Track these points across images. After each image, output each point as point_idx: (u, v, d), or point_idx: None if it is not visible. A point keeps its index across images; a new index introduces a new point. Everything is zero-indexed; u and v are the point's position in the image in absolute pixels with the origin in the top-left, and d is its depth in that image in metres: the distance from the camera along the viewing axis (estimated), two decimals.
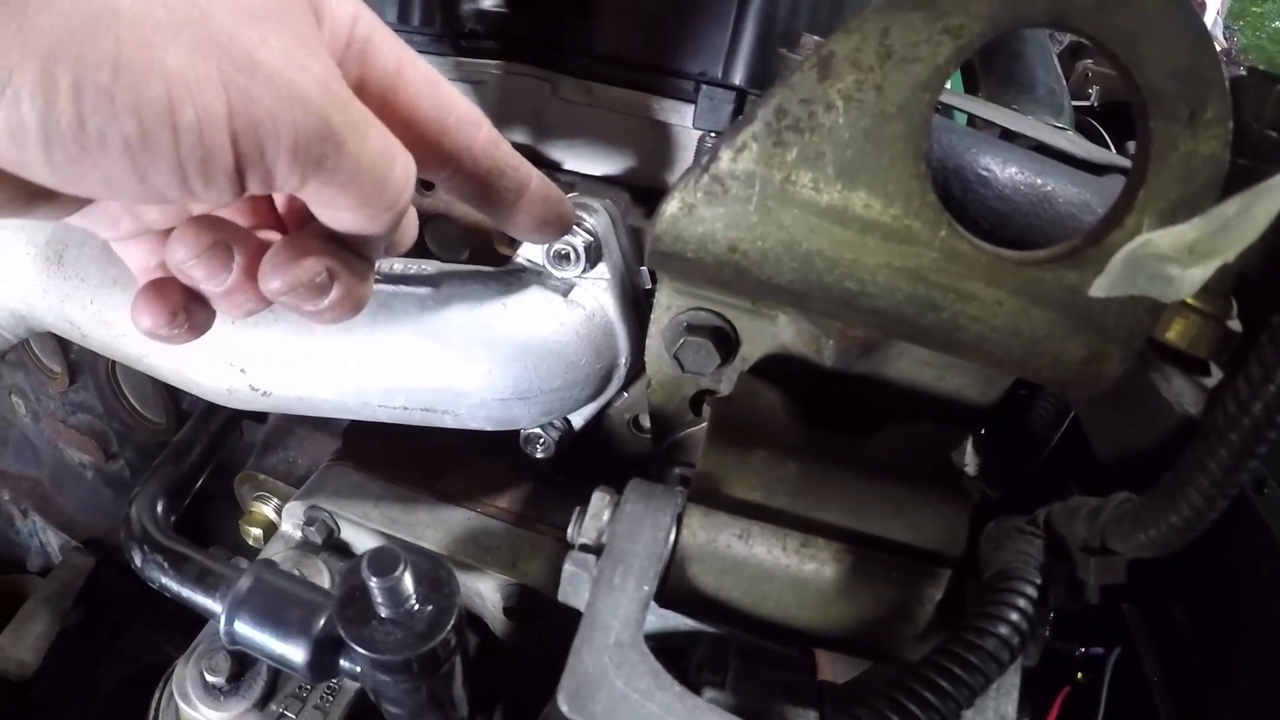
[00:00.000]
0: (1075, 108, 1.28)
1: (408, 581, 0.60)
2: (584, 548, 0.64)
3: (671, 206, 0.53)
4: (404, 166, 0.48)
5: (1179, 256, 0.50)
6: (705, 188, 0.52)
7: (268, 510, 1.11)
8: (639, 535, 0.62)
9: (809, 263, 0.53)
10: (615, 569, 0.60)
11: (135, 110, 0.38)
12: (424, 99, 0.53)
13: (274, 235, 0.55)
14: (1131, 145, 1.30)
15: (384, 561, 0.59)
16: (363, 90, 0.50)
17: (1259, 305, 0.60)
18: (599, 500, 0.67)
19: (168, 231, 0.57)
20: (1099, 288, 0.53)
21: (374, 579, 0.59)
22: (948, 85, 0.51)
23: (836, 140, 0.50)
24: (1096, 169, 0.77)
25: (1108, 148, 1.43)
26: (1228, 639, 0.63)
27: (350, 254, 0.52)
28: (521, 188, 0.60)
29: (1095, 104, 1.67)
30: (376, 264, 0.67)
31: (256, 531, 1.10)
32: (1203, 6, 5.37)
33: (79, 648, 1.64)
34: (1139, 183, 0.51)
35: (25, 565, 1.84)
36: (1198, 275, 0.50)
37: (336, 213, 0.48)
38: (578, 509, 0.67)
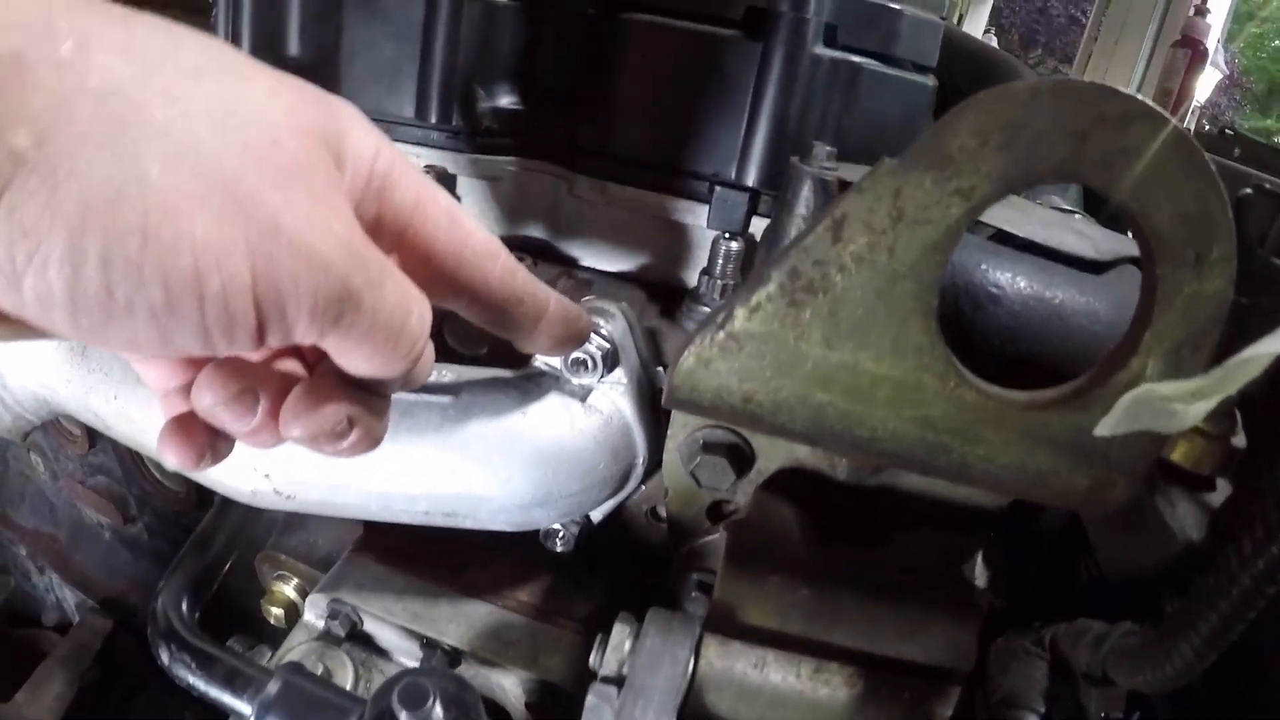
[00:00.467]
0: None
1: (438, 712, 0.62)
2: (605, 679, 0.66)
3: (688, 361, 0.54)
4: (420, 315, 0.50)
5: (1182, 399, 0.52)
6: (720, 344, 0.54)
7: (289, 590, 1.12)
8: (659, 668, 0.63)
9: (821, 412, 0.54)
10: (636, 703, 0.61)
11: (163, 280, 0.39)
12: (441, 232, 0.54)
13: (293, 365, 0.57)
14: None
15: (415, 695, 0.61)
16: (381, 225, 0.51)
17: (1263, 424, 0.62)
18: (620, 632, 0.68)
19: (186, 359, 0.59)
20: (1104, 427, 0.54)
21: (404, 712, 0.60)
22: None
23: (849, 300, 0.52)
24: (1105, 265, 0.78)
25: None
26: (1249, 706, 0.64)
27: (368, 395, 0.53)
28: (539, 313, 0.61)
29: None
30: None
31: (278, 611, 1.11)
32: (1207, 29, 5.39)
33: (95, 710, 1.64)
34: (1144, 325, 0.52)
35: (41, 619, 1.85)
36: (1201, 409, 0.52)
37: (353, 361, 0.49)
38: (599, 637, 0.69)
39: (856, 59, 0.90)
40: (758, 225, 0.90)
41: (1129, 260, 0.78)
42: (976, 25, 6.35)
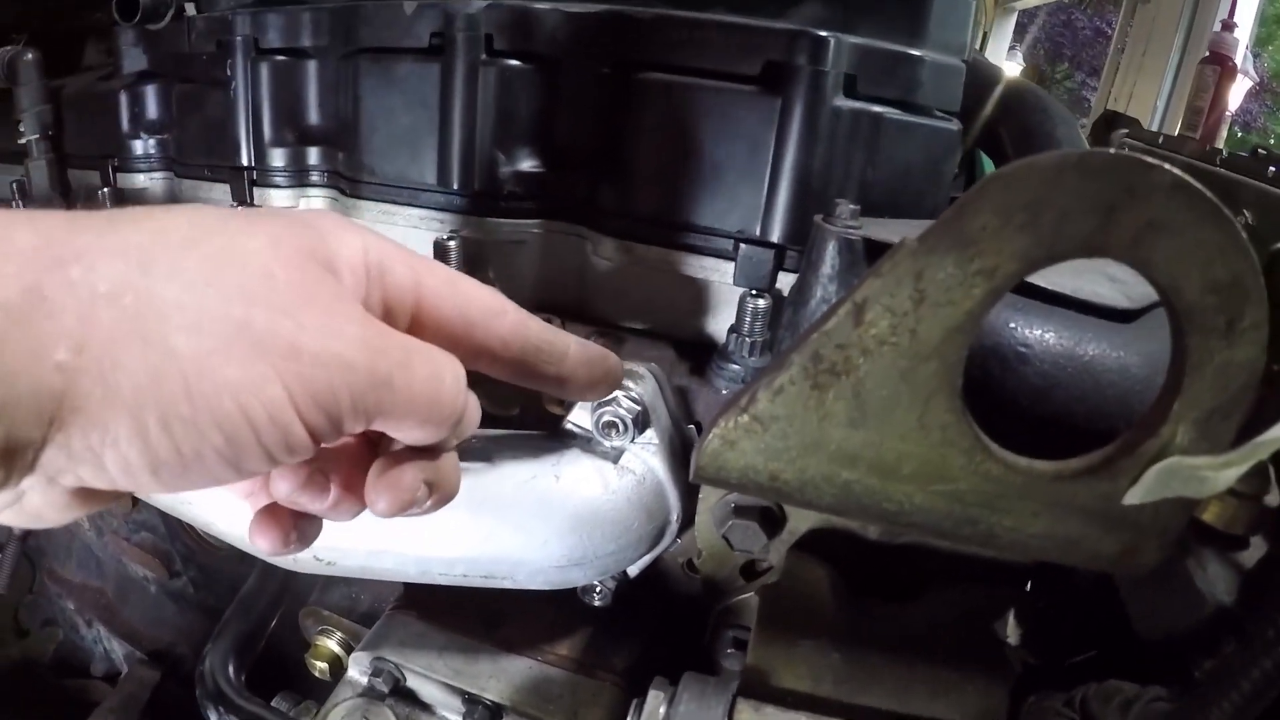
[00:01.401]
0: None
1: None
2: None
3: (713, 443, 0.55)
4: (454, 376, 0.53)
5: (1213, 469, 0.52)
6: (745, 426, 0.54)
7: (332, 644, 1.14)
8: None
9: (848, 489, 0.55)
10: None
11: (217, 426, 0.44)
12: (445, 300, 0.56)
13: (353, 441, 0.60)
14: None
15: None
16: (391, 310, 0.54)
17: None
18: (654, 699, 0.69)
19: None
20: (1133, 496, 0.54)
21: None
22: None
23: (872, 383, 0.52)
24: (1136, 314, 0.77)
25: None
26: None
27: (435, 456, 0.57)
28: (560, 360, 0.62)
29: None
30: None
31: (322, 665, 1.13)
32: (1235, 43, 5.33)
33: None
34: (1174, 394, 0.52)
35: (90, 670, 1.88)
36: (1232, 475, 0.52)
37: (407, 433, 0.53)
38: (634, 703, 0.70)
39: (878, 109, 0.90)
40: (785, 280, 0.90)
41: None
42: (1001, 41, 6.33)
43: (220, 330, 0.44)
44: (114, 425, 0.42)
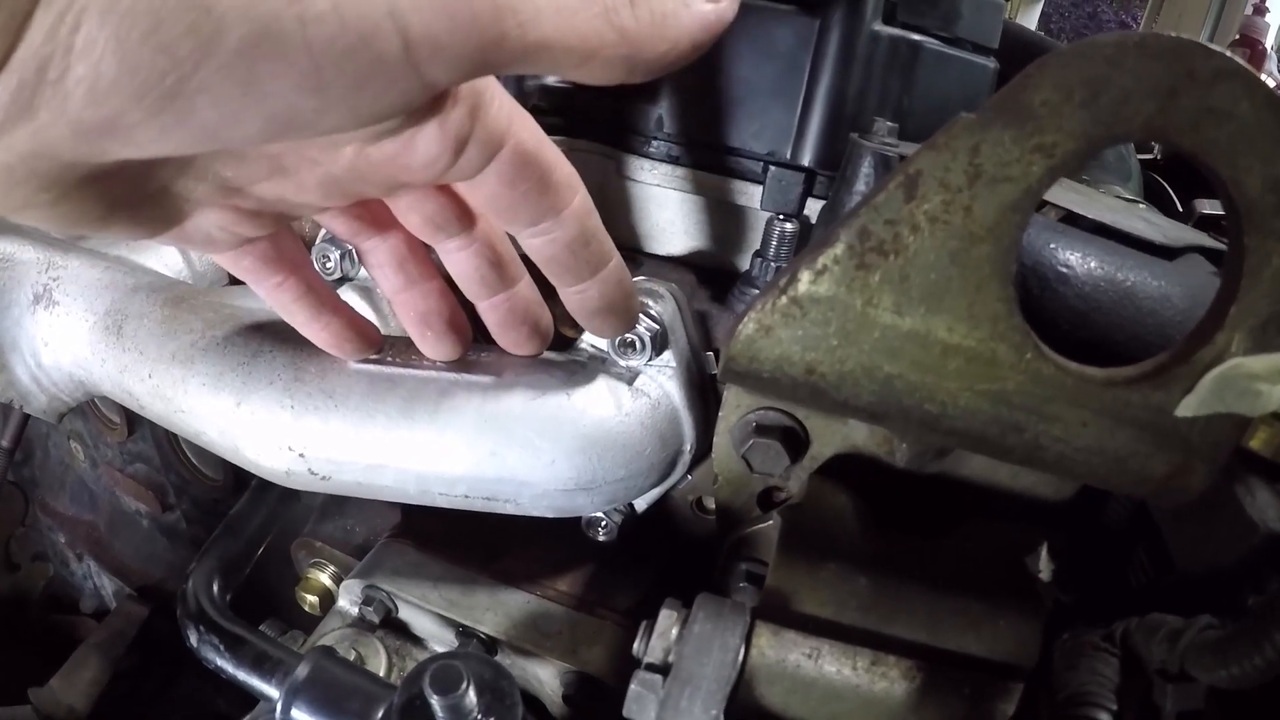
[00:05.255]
0: (1140, 162, 1.25)
1: (471, 697, 0.59)
2: (650, 667, 0.62)
3: (748, 328, 0.51)
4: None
5: (1270, 377, 0.49)
6: (783, 310, 0.51)
7: (324, 578, 1.10)
8: (707, 657, 0.60)
9: (889, 386, 0.51)
10: (683, 692, 0.58)
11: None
12: (531, 147, 0.53)
13: None
14: (1200, 203, 1.29)
15: (447, 679, 0.58)
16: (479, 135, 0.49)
17: None
18: (666, 618, 0.65)
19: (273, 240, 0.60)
20: (1186, 407, 0.51)
21: (436, 696, 0.58)
22: None
23: (921, 263, 0.48)
24: (1176, 252, 0.75)
25: (1174, 205, 1.40)
26: None
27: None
28: (602, 262, 0.62)
29: (1159, 157, 1.63)
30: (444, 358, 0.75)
31: (313, 599, 1.10)
32: (1266, 28, 5.28)
33: (129, 696, 1.64)
34: (1230, 299, 0.49)
35: (79, 607, 1.85)
36: None
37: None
38: (644, 624, 0.66)
39: (916, 37, 0.87)
40: (813, 207, 0.87)
41: (1198, 250, 0.75)
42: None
43: None
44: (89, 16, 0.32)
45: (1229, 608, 0.56)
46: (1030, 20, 6.51)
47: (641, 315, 0.76)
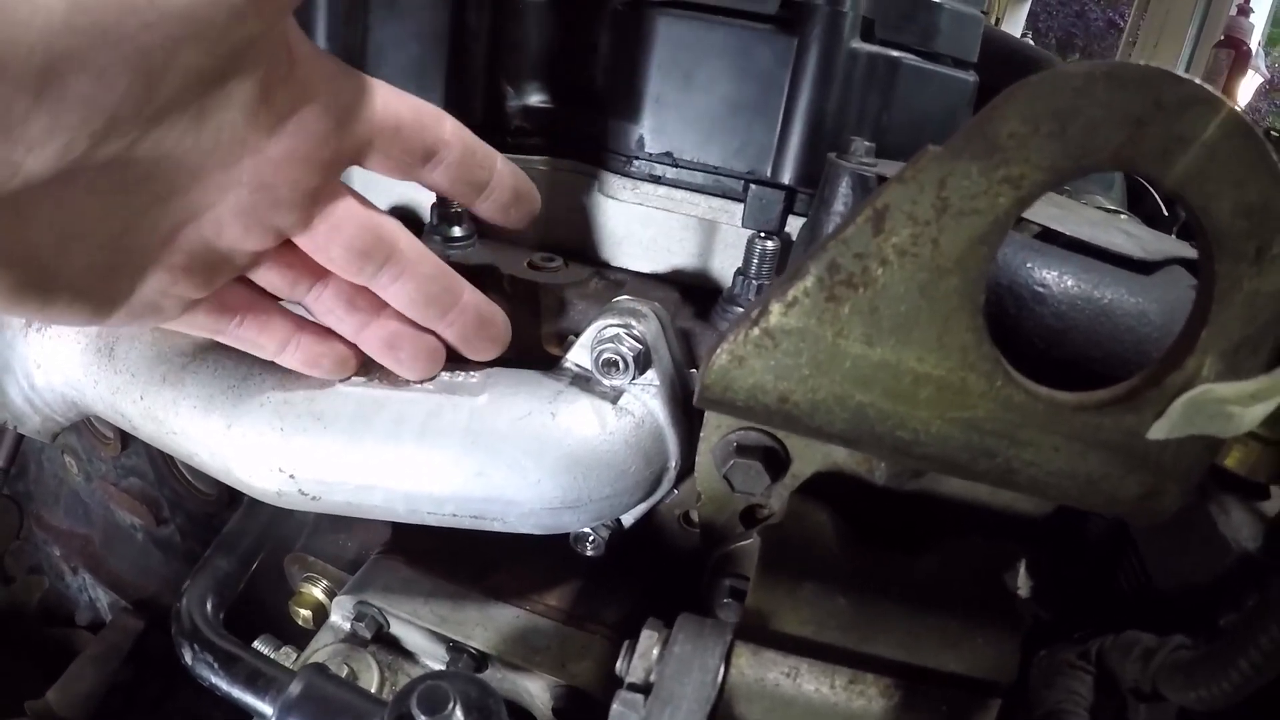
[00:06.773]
0: None
1: (458, 716, 0.60)
2: (632, 686, 0.63)
3: (721, 359, 0.52)
4: None
5: (1241, 401, 0.50)
6: (755, 341, 0.51)
7: (317, 592, 1.11)
8: (687, 677, 0.61)
9: (861, 414, 0.52)
10: (664, 711, 0.59)
11: None
12: (401, 103, 0.67)
13: None
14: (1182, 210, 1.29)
15: (434, 699, 0.59)
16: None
17: None
18: (648, 638, 0.66)
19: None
20: (1158, 430, 0.52)
21: (423, 717, 0.59)
22: None
23: (891, 296, 0.49)
24: (1154, 266, 0.75)
25: (1159, 209, 1.41)
26: None
27: None
28: (491, 165, 0.73)
29: None
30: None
31: (306, 613, 1.10)
32: (1250, 29, 5.30)
33: (125, 709, 1.64)
34: (1200, 324, 0.50)
35: (74, 619, 1.86)
36: (1259, 412, 0.50)
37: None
38: (626, 644, 0.67)
39: (895, 53, 0.88)
40: (794, 224, 0.88)
41: (1178, 261, 0.76)
42: (1014, 29, 6.30)
43: None
44: None
45: (1204, 626, 0.57)
46: (1018, 19, 6.52)
47: (625, 335, 0.77)
